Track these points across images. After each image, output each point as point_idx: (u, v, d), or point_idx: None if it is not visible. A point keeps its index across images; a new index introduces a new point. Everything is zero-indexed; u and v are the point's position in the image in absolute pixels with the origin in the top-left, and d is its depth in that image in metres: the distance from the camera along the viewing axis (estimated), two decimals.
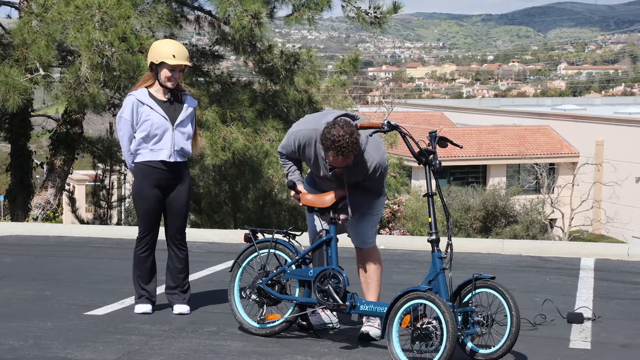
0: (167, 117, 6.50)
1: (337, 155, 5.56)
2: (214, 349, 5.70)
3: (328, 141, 5.53)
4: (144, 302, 6.66)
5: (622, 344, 5.97)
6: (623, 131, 43.90)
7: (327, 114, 5.83)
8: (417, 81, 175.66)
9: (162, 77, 6.49)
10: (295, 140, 5.90)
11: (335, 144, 5.51)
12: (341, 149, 5.51)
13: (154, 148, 6.50)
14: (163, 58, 6.44)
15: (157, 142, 6.50)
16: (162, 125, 6.48)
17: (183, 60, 6.47)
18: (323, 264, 5.89)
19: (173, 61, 6.43)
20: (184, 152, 6.61)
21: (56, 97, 13.62)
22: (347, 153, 5.54)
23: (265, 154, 15.42)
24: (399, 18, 54.70)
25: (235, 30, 14.14)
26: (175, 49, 6.48)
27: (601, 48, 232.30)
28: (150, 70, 6.57)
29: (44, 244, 10.27)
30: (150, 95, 6.52)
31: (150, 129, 6.46)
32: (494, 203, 32.99)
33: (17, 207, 16.72)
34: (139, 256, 6.66)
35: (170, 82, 6.50)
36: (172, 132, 6.51)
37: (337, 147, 5.51)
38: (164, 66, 6.45)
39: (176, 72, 6.49)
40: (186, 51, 6.56)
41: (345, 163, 5.63)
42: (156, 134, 6.48)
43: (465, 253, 9.52)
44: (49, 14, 13.15)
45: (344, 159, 5.59)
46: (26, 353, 5.58)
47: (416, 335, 5.20)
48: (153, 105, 6.50)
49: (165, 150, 6.51)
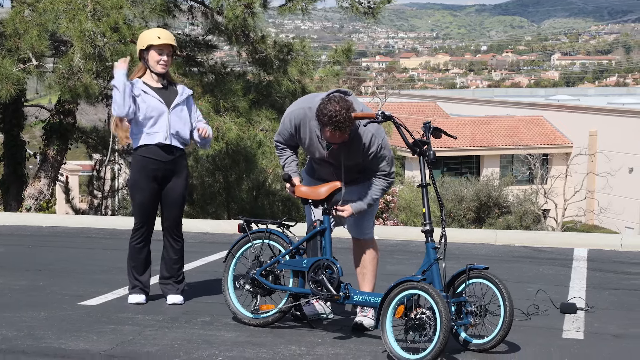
0: (162, 100, 6.51)
1: (335, 131, 5.57)
2: (207, 339, 5.71)
3: (325, 117, 5.54)
4: (137, 292, 6.65)
5: (615, 334, 5.99)
6: (616, 121, 43.95)
7: (319, 94, 5.86)
8: (411, 71, 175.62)
9: (151, 62, 6.51)
10: (290, 121, 5.89)
11: (332, 119, 5.52)
12: (338, 124, 5.52)
13: (150, 131, 6.49)
14: (149, 41, 6.47)
15: (152, 124, 6.49)
16: (157, 108, 6.49)
17: (168, 39, 6.50)
18: (317, 254, 5.89)
19: (158, 41, 6.45)
20: (181, 138, 6.57)
21: (49, 87, 13.58)
22: (344, 128, 5.55)
23: (259, 144, 15.41)
24: (392, 8, 54.46)
25: (228, 20, 14.11)
26: (159, 32, 6.54)
27: (595, 38, 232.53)
28: (140, 59, 6.57)
29: (37, 234, 10.26)
30: (144, 83, 6.54)
31: (146, 112, 6.46)
32: (487, 194, 33.01)
33: (10, 197, 16.68)
34: (134, 247, 6.65)
35: (160, 65, 6.50)
36: (168, 115, 6.50)
37: (334, 122, 5.52)
38: (152, 49, 6.48)
39: (164, 55, 6.50)
40: (171, 34, 6.60)
41: (342, 138, 5.63)
42: (152, 115, 6.47)
43: (458, 243, 9.53)
44: (41, 3, 13.10)
45: (341, 134, 5.60)
46: (20, 343, 5.58)
47: (410, 325, 5.21)
48: (147, 90, 6.51)
49: (161, 133, 6.50)
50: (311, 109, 5.76)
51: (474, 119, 48.63)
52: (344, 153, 5.78)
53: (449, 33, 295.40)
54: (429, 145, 5.54)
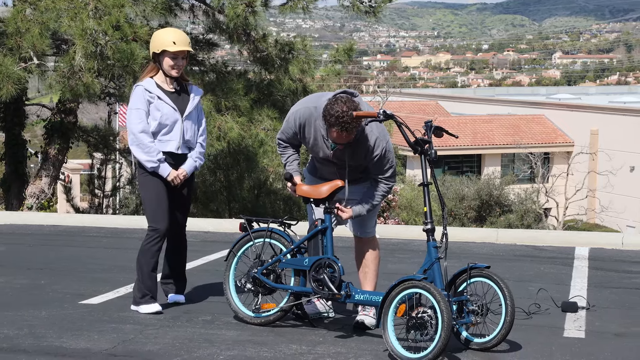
0: (176, 108, 6.39)
1: (341, 132, 5.58)
2: (208, 338, 5.71)
3: (332, 117, 5.55)
4: (150, 301, 6.38)
5: (616, 332, 5.99)
6: (617, 120, 43.92)
7: (324, 94, 5.88)
8: (412, 70, 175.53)
9: (165, 66, 6.38)
10: (295, 120, 5.89)
11: (339, 120, 5.52)
12: (345, 124, 5.53)
13: (162, 139, 6.37)
14: (164, 46, 6.34)
15: (166, 133, 6.37)
16: (171, 116, 6.36)
17: (184, 46, 6.35)
18: (318, 253, 5.89)
19: (174, 48, 6.32)
20: (190, 145, 6.49)
21: (50, 86, 13.56)
22: (350, 129, 5.56)
23: (260, 143, 15.41)
24: (393, 7, 54.27)
25: (229, 18, 14.11)
26: (175, 36, 6.38)
27: (596, 37, 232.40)
28: (154, 61, 6.45)
29: (38, 233, 10.26)
30: (157, 85, 6.40)
31: (160, 120, 6.33)
32: (488, 192, 33.02)
33: (12, 196, 16.68)
34: (149, 249, 6.37)
35: (174, 70, 6.37)
36: (181, 124, 6.39)
37: (341, 123, 5.53)
38: (166, 54, 6.34)
39: (179, 60, 6.37)
40: (187, 37, 6.46)
41: (348, 139, 5.65)
42: (166, 124, 6.35)
43: (460, 242, 9.53)
44: (43, 2, 13.10)
45: (348, 135, 5.61)
46: (21, 342, 5.58)
47: (411, 324, 5.21)
48: (161, 95, 6.38)
49: (174, 142, 6.39)
50: (317, 109, 5.76)
51: (475, 118, 48.61)
52: (348, 153, 5.78)
53: (450, 32, 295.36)
54: (431, 144, 5.54)
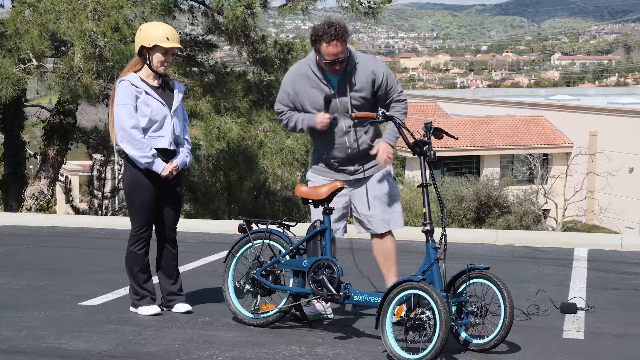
0: (164, 103, 6.21)
1: (332, 40, 5.73)
2: (207, 339, 5.71)
3: (321, 30, 5.76)
4: (149, 302, 6.29)
5: (615, 333, 5.99)
6: (617, 121, 43.94)
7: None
8: (411, 71, 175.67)
9: (154, 62, 6.15)
10: (288, 83, 6.03)
11: (330, 27, 5.72)
12: (335, 30, 5.72)
13: (153, 135, 6.17)
14: (156, 41, 6.11)
15: (157, 129, 6.18)
16: (161, 112, 6.17)
17: (176, 42, 6.19)
18: (317, 254, 5.89)
19: (167, 44, 6.12)
20: (179, 141, 6.35)
21: (49, 88, 13.59)
22: (341, 34, 5.73)
23: (260, 144, 15.42)
24: (392, 8, 54.13)
25: (228, 20, 14.13)
26: (168, 32, 6.17)
27: (595, 38, 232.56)
28: (140, 54, 6.21)
29: (37, 234, 10.26)
30: (142, 80, 6.19)
31: (150, 116, 6.13)
32: (487, 193, 32.98)
33: (11, 197, 16.69)
34: (136, 253, 6.24)
35: (163, 66, 6.18)
36: (171, 119, 6.22)
37: (331, 28, 5.72)
38: (157, 49, 6.12)
39: (169, 56, 6.18)
40: (177, 33, 6.29)
41: (341, 48, 5.75)
42: (156, 120, 6.16)
43: (459, 243, 9.53)
44: (42, 3, 13.11)
45: (340, 44, 5.74)
46: (20, 343, 5.58)
47: (410, 325, 5.21)
48: (149, 90, 6.18)
49: (165, 138, 6.21)
50: (307, 59, 5.98)
51: (474, 119, 48.63)
52: (349, 85, 5.87)
53: (449, 33, 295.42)
54: (430, 146, 5.54)
